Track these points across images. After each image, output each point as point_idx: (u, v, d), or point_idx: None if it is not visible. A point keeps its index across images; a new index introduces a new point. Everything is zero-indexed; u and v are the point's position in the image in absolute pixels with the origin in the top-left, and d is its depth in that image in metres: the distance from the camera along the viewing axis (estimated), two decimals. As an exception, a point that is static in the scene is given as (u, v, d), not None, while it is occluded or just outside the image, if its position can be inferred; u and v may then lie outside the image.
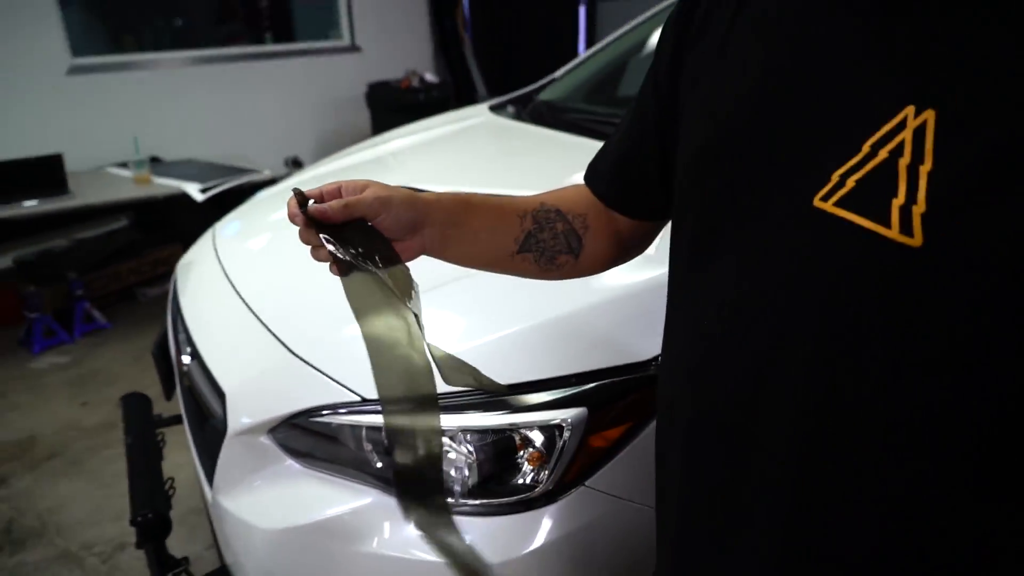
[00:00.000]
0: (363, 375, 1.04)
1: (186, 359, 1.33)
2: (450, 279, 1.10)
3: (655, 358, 0.97)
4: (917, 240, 0.42)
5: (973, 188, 0.40)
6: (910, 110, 0.43)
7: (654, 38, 2.39)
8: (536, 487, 0.94)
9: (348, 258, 0.60)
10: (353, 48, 5.52)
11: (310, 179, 1.93)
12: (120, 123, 3.92)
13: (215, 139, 4.46)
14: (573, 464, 0.93)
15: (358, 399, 1.01)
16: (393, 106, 5.04)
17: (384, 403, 0.59)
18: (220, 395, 1.13)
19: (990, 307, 0.40)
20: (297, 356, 1.10)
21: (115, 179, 3.30)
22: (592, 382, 0.95)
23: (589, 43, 6.45)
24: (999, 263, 0.39)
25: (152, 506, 1.25)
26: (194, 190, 2.98)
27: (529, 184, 1.54)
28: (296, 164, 4.89)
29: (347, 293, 0.60)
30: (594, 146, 1.71)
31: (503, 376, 0.94)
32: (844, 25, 0.48)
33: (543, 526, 0.92)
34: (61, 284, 3.26)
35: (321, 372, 1.06)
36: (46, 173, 2.99)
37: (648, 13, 2.48)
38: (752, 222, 0.51)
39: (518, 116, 2.14)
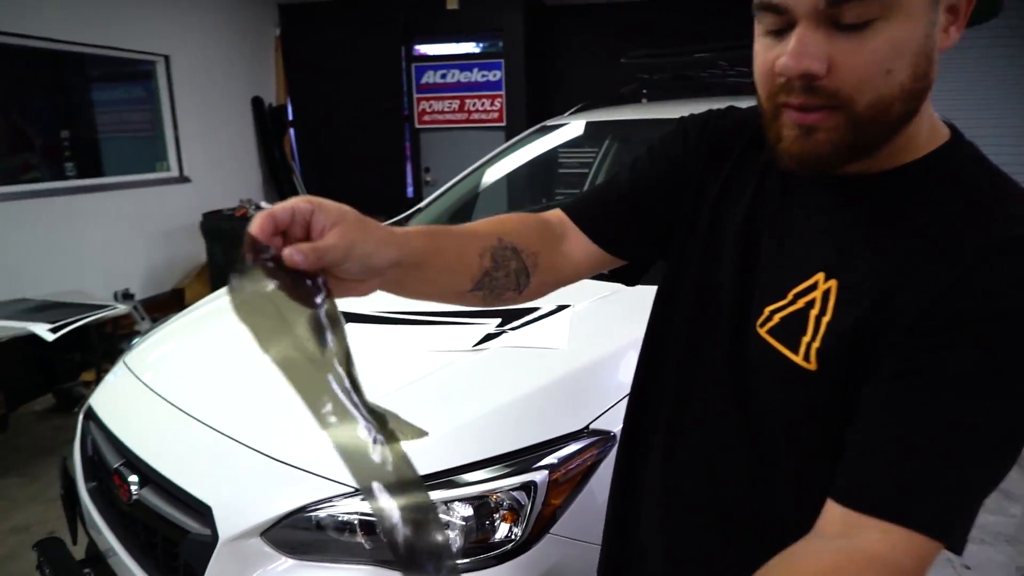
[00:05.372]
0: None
1: (135, 488, 1.38)
2: (417, 378, 1.35)
3: (587, 425, 1.26)
4: (813, 366, 0.61)
5: (850, 339, 0.59)
6: (820, 275, 0.62)
7: (497, 172, 2.84)
8: (511, 541, 1.16)
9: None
10: (182, 179, 5.50)
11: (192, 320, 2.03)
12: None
13: (37, 277, 4.19)
14: (540, 517, 1.17)
15: (351, 489, 1.17)
16: (230, 235, 5.06)
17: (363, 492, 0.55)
18: (202, 510, 1.22)
19: (843, 412, 0.60)
20: (280, 461, 1.24)
21: (-63, 325, 3.02)
22: (547, 450, 1.21)
23: (415, 167, 6.96)
24: (854, 389, 0.59)
25: (114, 638, 1.26)
26: (42, 330, 2.84)
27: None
28: (127, 296, 4.70)
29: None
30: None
31: (482, 451, 1.18)
32: (767, 218, 0.69)
33: (524, 570, 1.14)
34: None
35: (308, 472, 1.21)
36: None
37: (491, 153, 2.93)
38: (713, 337, 0.72)
39: (395, 242, 2.41)
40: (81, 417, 1.72)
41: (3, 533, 2.61)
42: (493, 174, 2.89)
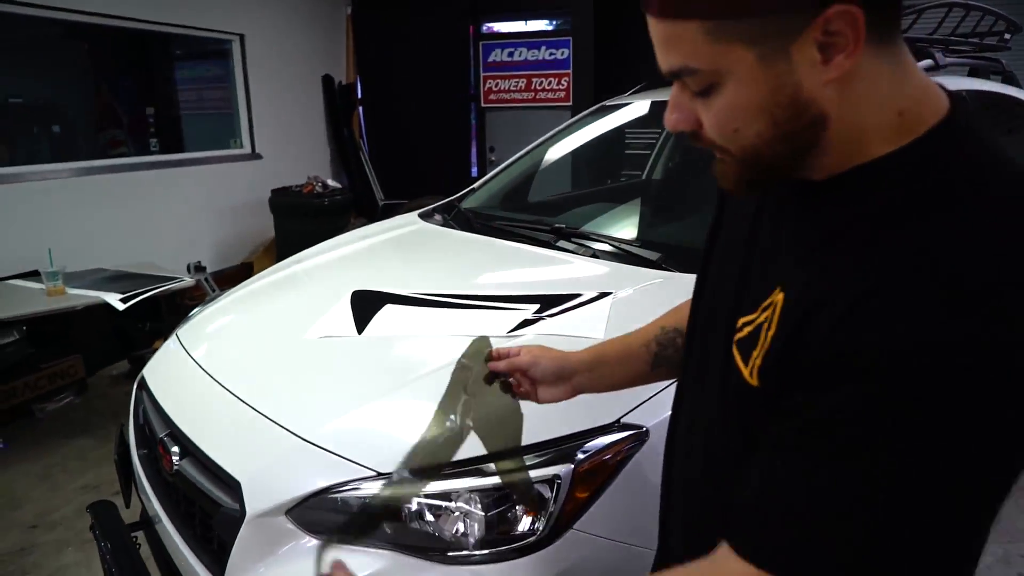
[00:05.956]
0: (374, 453, 1.21)
1: (176, 459, 1.42)
2: (447, 363, 1.31)
3: (619, 419, 1.21)
4: (755, 382, 0.60)
5: (778, 359, 0.57)
6: (778, 288, 0.60)
7: (557, 151, 2.79)
8: (534, 534, 1.13)
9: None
10: (254, 156, 5.66)
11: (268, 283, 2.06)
12: (15, 234, 3.83)
13: (115, 247, 4.41)
14: (563, 512, 1.13)
15: (373, 473, 1.17)
16: (297, 211, 5.18)
17: None
18: (233, 485, 1.24)
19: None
20: (308, 442, 1.24)
21: (23, 291, 3.22)
22: (574, 442, 1.17)
23: (479, 147, 6.94)
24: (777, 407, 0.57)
25: (150, 603, 1.31)
26: (114, 300, 2.98)
27: (473, 283, 1.78)
28: (199, 269, 4.88)
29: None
30: (521, 249, 1.99)
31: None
32: (764, 225, 0.68)
33: (544, 565, 1.11)
34: (-49, 405, 3.09)
35: (334, 454, 1.21)
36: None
37: (551, 132, 2.87)
38: (715, 348, 0.71)
39: (446, 223, 2.40)
40: (135, 387, 1.79)
41: (74, 491, 2.78)
42: (549, 155, 2.84)
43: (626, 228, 2.32)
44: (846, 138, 0.57)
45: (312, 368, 1.48)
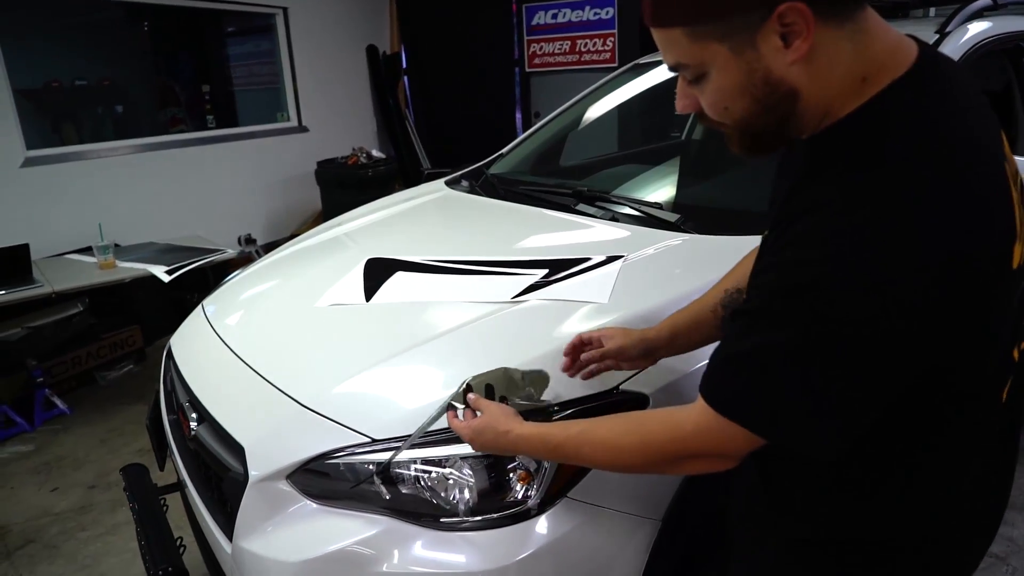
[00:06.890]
0: (370, 419, 1.21)
1: (193, 424, 1.46)
2: (447, 330, 1.32)
3: (617, 386, 1.18)
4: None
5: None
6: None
7: (589, 113, 2.71)
8: (527, 501, 1.12)
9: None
10: (301, 128, 5.74)
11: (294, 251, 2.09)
12: (75, 211, 4.00)
13: (170, 221, 4.55)
14: (556, 479, 1.11)
15: (368, 440, 1.17)
16: (342, 182, 5.23)
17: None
18: (238, 450, 1.27)
19: None
20: (308, 408, 1.26)
21: (78, 265, 3.37)
22: (569, 409, 1.15)
23: (524, 112, 6.85)
24: None
25: (170, 561, 1.36)
26: (160, 272, 3.09)
27: (486, 249, 1.75)
28: (250, 241, 5.00)
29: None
30: (540, 214, 1.94)
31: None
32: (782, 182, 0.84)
33: (536, 534, 1.10)
34: (20, 373, 3.28)
35: (331, 420, 1.22)
36: (11, 263, 3.04)
37: (582, 93, 2.79)
38: None
39: (471, 189, 2.37)
40: (164, 355, 1.85)
41: (130, 454, 2.93)
42: (581, 118, 2.76)
43: (651, 191, 2.24)
44: (816, 104, 0.70)
45: (319, 336, 1.50)
